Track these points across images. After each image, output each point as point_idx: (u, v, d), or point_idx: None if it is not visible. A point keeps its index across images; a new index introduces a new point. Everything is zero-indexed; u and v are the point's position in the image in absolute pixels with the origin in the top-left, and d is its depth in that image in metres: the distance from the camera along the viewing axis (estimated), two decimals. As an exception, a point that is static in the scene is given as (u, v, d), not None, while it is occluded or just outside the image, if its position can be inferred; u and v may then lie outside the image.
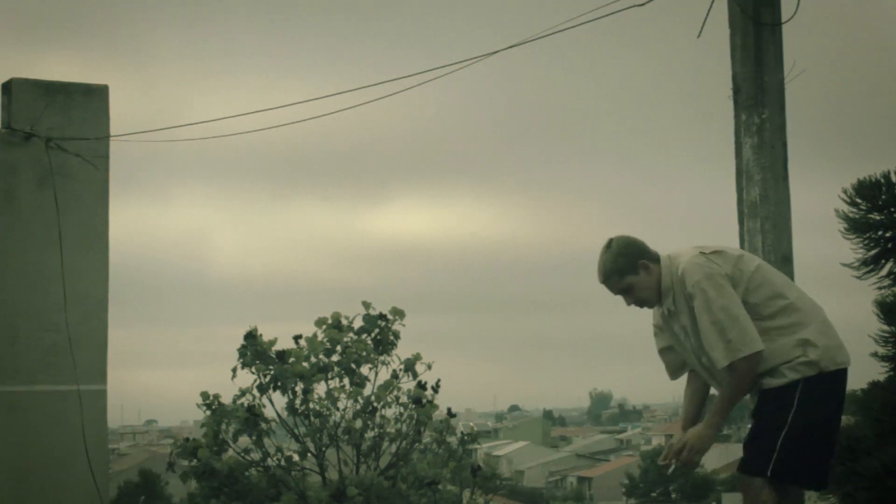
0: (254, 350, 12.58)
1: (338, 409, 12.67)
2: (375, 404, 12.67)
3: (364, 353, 12.69)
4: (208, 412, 12.63)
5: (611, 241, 5.92)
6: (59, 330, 10.04)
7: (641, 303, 5.93)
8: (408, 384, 12.86)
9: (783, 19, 8.02)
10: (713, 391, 6.12)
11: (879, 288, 9.60)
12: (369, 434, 12.74)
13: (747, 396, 5.93)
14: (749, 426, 6.01)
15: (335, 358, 12.76)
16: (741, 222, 8.02)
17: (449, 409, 13.23)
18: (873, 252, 9.51)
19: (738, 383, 5.69)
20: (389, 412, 12.81)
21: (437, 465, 12.74)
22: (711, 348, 5.67)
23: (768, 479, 5.68)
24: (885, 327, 9.42)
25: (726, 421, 6.30)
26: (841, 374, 5.80)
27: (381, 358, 12.83)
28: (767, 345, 5.67)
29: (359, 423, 12.62)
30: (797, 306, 5.78)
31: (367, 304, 13.02)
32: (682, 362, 6.07)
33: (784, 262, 7.73)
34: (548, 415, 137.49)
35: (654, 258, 5.90)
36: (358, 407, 12.63)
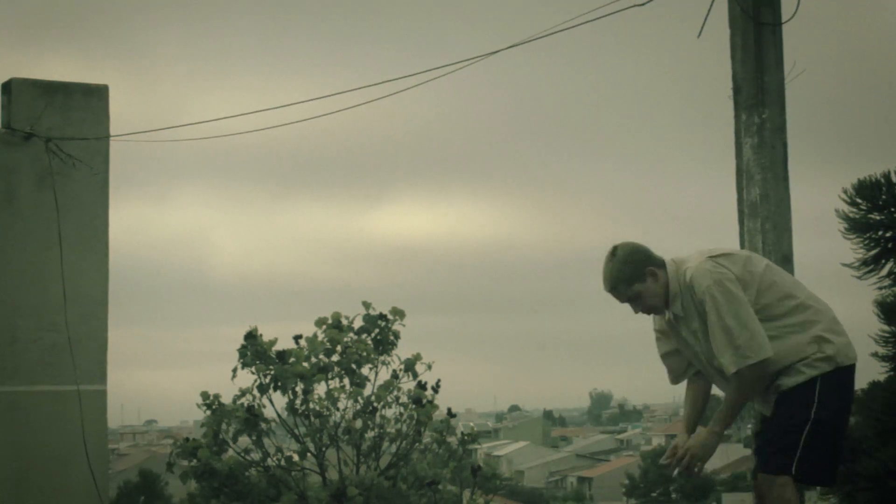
0: (254, 350, 12.58)
1: (338, 409, 12.68)
2: (375, 404, 12.67)
3: (364, 354, 12.69)
4: (208, 412, 12.62)
5: (615, 248, 5.82)
6: (59, 330, 10.03)
7: (649, 310, 5.86)
8: (408, 384, 12.87)
9: (783, 19, 8.01)
10: (715, 392, 6.11)
11: (880, 288, 9.58)
12: (369, 434, 12.73)
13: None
14: (760, 427, 6.00)
15: (335, 358, 12.76)
16: (741, 222, 8.02)
17: (449, 410, 13.23)
18: (873, 252, 9.50)
19: (743, 390, 5.69)
20: (389, 412, 12.82)
21: (438, 466, 12.75)
22: (720, 354, 5.64)
23: (791, 477, 5.66)
24: (886, 327, 9.41)
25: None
26: (853, 370, 5.83)
27: (382, 358, 12.83)
28: (781, 343, 5.66)
29: (359, 424, 12.62)
30: (807, 304, 5.77)
31: (367, 305, 13.02)
32: (685, 367, 6.03)
33: (784, 261, 7.73)
34: (548, 415, 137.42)
35: (660, 264, 5.82)
36: (358, 407, 12.63)
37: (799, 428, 5.63)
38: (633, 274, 5.75)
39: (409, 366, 12.88)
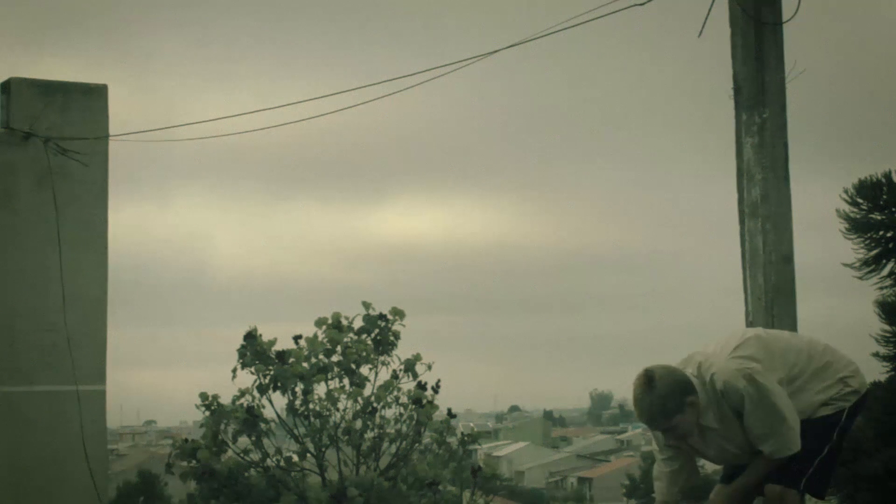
0: (253, 350, 12.56)
1: (338, 409, 12.66)
2: (375, 405, 12.65)
3: (364, 354, 12.67)
4: (207, 413, 12.61)
5: (651, 378, 5.52)
6: (58, 330, 10.03)
7: (682, 438, 5.66)
8: (408, 385, 12.85)
9: (784, 18, 8.00)
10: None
11: (881, 288, 9.59)
12: (369, 435, 12.72)
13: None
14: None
15: (335, 358, 12.74)
16: (742, 222, 8.00)
17: (449, 410, 13.21)
18: (874, 252, 9.51)
19: (765, 471, 5.70)
20: (389, 413, 12.80)
21: (438, 466, 12.73)
22: (762, 444, 5.61)
23: (799, 492, 5.73)
24: (887, 327, 9.42)
25: None
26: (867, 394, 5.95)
27: (382, 358, 12.81)
28: (806, 394, 5.69)
29: (359, 424, 12.60)
30: (817, 351, 5.80)
31: (367, 305, 13.00)
32: (682, 482, 5.99)
33: (785, 262, 7.72)
34: (548, 415, 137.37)
35: (693, 388, 5.56)
36: (358, 407, 12.62)
37: (818, 451, 5.71)
38: (674, 407, 5.51)
39: (409, 366, 12.87)
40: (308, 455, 12.71)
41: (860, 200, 9.46)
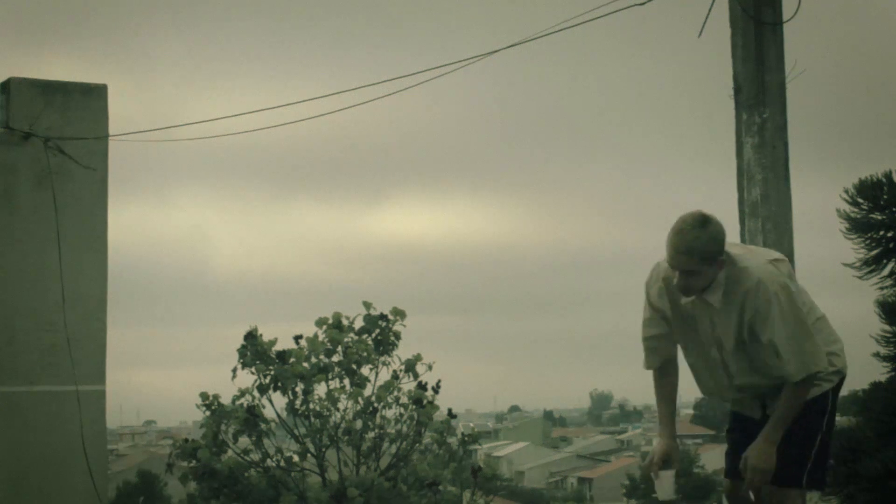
0: (254, 350, 12.55)
1: (338, 409, 12.65)
2: (376, 405, 12.64)
3: (365, 354, 12.66)
4: (208, 413, 12.60)
5: (707, 219, 5.43)
6: (58, 330, 10.02)
7: (689, 289, 5.52)
8: (408, 385, 12.84)
9: (784, 19, 8.00)
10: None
11: (881, 288, 9.57)
12: (369, 435, 12.71)
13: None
14: (732, 425, 5.93)
15: (336, 358, 12.73)
16: (742, 222, 8.01)
17: (449, 410, 13.20)
18: (875, 252, 9.49)
19: (802, 397, 5.57)
20: (390, 413, 12.79)
21: (438, 466, 12.72)
22: (786, 361, 5.47)
23: (802, 489, 5.63)
24: (887, 327, 9.40)
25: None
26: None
27: (382, 358, 12.80)
28: None
29: (359, 424, 12.59)
30: (816, 314, 5.72)
31: (367, 305, 12.99)
32: (670, 353, 5.83)
33: (785, 262, 7.71)
34: (548, 415, 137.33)
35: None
36: (358, 407, 12.60)
37: (811, 440, 5.62)
38: (711, 254, 5.41)
39: (410, 366, 12.86)
40: (308, 455, 12.70)
41: (860, 200, 9.45)
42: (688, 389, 6.21)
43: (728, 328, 5.57)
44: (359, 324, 12.87)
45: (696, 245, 5.39)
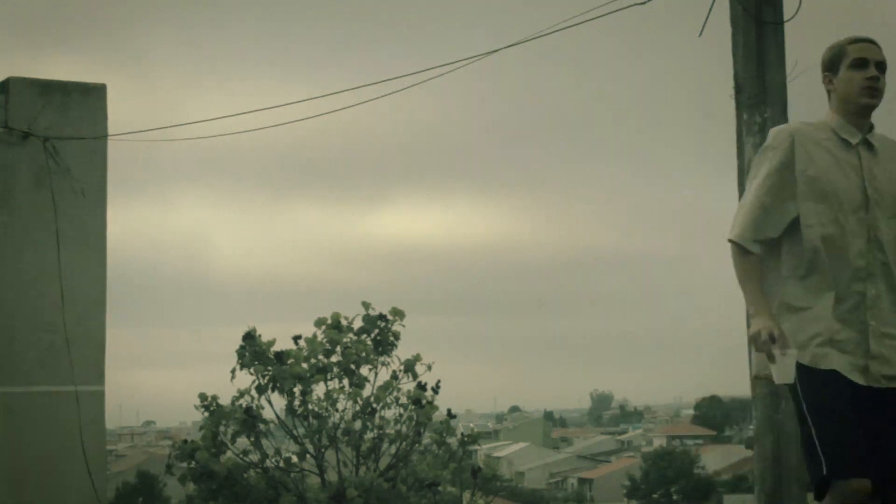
0: (252, 351, 12.53)
1: (337, 410, 12.63)
2: (375, 405, 12.62)
3: (364, 354, 12.64)
4: (206, 413, 12.58)
5: None
6: (57, 330, 10.00)
7: (876, 92, 4.95)
8: (408, 385, 12.82)
9: (785, 18, 7.98)
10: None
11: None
12: (369, 435, 12.69)
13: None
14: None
15: (335, 359, 12.71)
16: (743, 222, 7.96)
17: (449, 411, 13.19)
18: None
19: None
20: (389, 413, 12.77)
21: (438, 467, 12.70)
22: None
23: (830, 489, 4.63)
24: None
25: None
26: None
27: (381, 359, 12.79)
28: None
29: (358, 425, 12.57)
30: None
31: (366, 305, 12.98)
32: (776, 229, 5.10)
33: (786, 262, 7.68)
34: (548, 416, 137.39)
35: None
36: (357, 408, 12.59)
37: (807, 439, 4.81)
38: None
39: (409, 366, 12.84)
40: (307, 456, 12.68)
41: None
42: (688, 390, 6.17)
43: (891, 183, 4.93)
44: (358, 324, 12.86)
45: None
